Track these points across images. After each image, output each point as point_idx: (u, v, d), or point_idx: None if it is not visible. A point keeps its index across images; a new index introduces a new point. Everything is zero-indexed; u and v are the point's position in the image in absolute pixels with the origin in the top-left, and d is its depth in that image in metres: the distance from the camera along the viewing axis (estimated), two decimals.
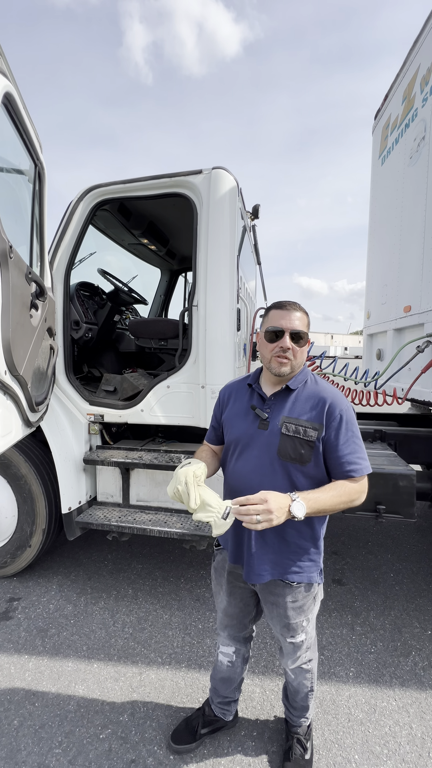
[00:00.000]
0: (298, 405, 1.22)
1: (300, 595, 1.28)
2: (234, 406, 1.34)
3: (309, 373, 1.30)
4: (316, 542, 1.28)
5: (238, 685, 1.54)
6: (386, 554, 2.94)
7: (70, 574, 2.63)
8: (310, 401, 1.21)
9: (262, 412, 1.24)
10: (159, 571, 2.68)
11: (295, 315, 1.21)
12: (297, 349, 1.20)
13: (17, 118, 1.67)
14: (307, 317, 1.25)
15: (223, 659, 1.50)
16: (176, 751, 1.50)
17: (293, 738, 1.49)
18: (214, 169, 2.23)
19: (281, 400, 1.24)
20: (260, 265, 3.57)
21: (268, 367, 1.24)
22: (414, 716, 1.66)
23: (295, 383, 1.25)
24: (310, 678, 1.44)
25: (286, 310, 1.21)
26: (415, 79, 2.83)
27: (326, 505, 1.11)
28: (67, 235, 2.44)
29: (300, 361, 1.23)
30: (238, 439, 1.28)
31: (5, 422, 1.63)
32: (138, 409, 2.43)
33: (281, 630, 1.34)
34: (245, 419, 1.28)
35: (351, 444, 1.18)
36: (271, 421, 1.23)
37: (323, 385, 1.26)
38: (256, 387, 1.30)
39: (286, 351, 1.19)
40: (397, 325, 3.04)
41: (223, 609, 1.44)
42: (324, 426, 1.17)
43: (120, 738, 1.55)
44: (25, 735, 1.56)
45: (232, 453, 1.31)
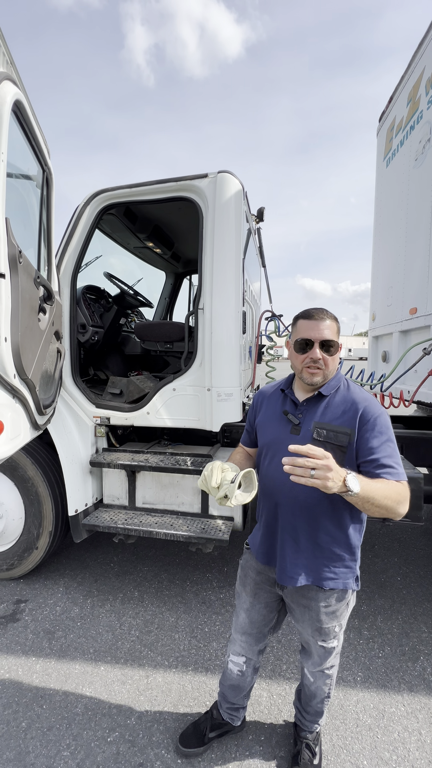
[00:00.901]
0: (329, 411, 1.22)
1: (333, 600, 1.27)
2: (267, 410, 1.36)
3: (342, 379, 1.29)
4: (350, 549, 1.25)
5: (247, 693, 1.53)
6: (393, 558, 2.92)
7: (77, 577, 2.64)
8: (342, 407, 1.21)
9: (294, 418, 1.25)
10: (165, 573, 2.68)
11: (324, 324, 1.20)
12: (328, 358, 1.20)
13: (26, 125, 1.70)
14: (336, 324, 1.24)
15: (233, 668, 1.48)
16: (184, 754, 1.49)
17: (302, 743, 1.48)
18: (220, 172, 2.24)
19: (313, 405, 1.25)
20: (265, 267, 3.58)
21: (300, 377, 1.25)
22: (423, 722, 1.65)
23: (327, 389, 1.24)
24: (329, 683, 1.42)
25: (315, 320, 1.21)
26: (420, 81, 2.83)
27: (377, 494, 1.05)
28: (73, 239, 2.46)
29: (332, 369, 1.22)
30: (271, 443, 1.29)
31: (14, 425, 1.64)
32: (144, 412, 2.44)
33: (312, 633, 1.32)
34: (278, 424, 1.29)
35: (386, 448, 1.15)
36: (302, 426, 1.23)
37: (356, 391, 1.25)
38: (289, 392, 1.31)
39: (317, 362, 1.19)
40: (402, 327, 3.03)
41: (246, 610, 1.42)
42: (356, 431, 1.16)
43: (128, 741, 1.55)
44: (33, 737, 1.56)
45: (264, 456, 1.32)
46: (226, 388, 2.29)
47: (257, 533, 1.40)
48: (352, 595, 1.32)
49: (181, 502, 2.43)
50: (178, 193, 2.34)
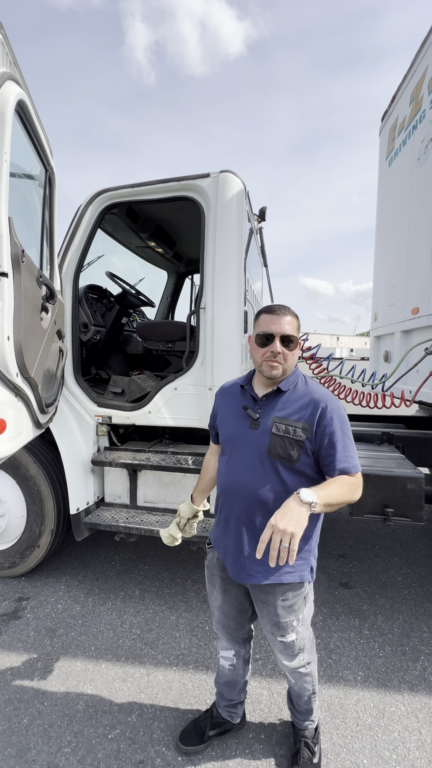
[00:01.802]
0: (288, 406, 1.25)
1: (290, 594, 1.29)
2: (227, 406, 1.38)
3: (300, 375, 1.33)
4: (307, 540, 1.28)
5: (242, 687, 1.54)
6: (394, 558, 2.92)
7: (78, 575, 2.65)
8: (301, 402, 1.24)
9: (254, 413, 1.27)
10: (166, 572, 2.69)
11: (284, 319, 1.23)
12: (287, 352, 1.23)
13: (30, 125, 1.71)
14: (296, 321, 1.27)
15: (224, 663, 1.50)
16: (184, 752, 1.50)
17: (301, 741, 1.49)
18: (222, 172, 2.25)
19: (272, 401, 1.27)
20: (267, 267, 3.58)
21: (260, 371, 1.27)
22: (423, 721, 1.65)
23: (286, 385, 1.27)
24: (310, 681, 1.44)
25: (276, 315, 1.24)
26: (423, 80, 2.83)
27: (334, 498, 1.11)
28: (76, 238, 2.47)
29: (291, 363, 1.26)
30: (230, 438, 1.32)
31: (16, 424, 1.65)
32: (145, 411, 2.44)
33: (271, 628, 1.34)
34: (237, 419, 1.31)
35: (342, 443, 1.19)
36: (261, 421, 1.25)
37: (314, 387, 1.28)
38: (248, 388, 1.33)
39: (277, 355, 1.22)
40: (404, 327, 3.03)
41: (218, 607, 1.44)
42: (314, 426, 1.19)
43: (128, 738, 1.56)
44: (34, 734, 1.57)
45: (225, 452, 1.35)
46: None
47: (216, 530, 1.41)
48: (309, 587, 1.34)
49: (183, 501, 2.43)
50: (180, 192, 2.34)
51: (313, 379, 1.34)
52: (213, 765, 1.47)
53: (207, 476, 1.55)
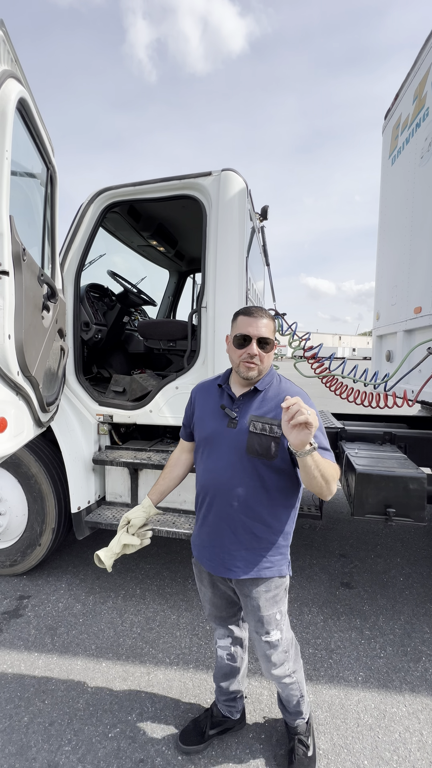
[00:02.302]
0: (265, 404, 1.28)
1: (273, 585, 1.32)
2: (204, 405, 1.39)
3: (275, 375, 1.37)
4: (286, 536, 1.32)
5: (240, 678, 1.55)
6: (395, 558, 2.91)
7: (79, 573, 2.65)
8: (276, 400, 1.27)
9: (231, 412, 1.29)
10: (167, 571, 2.69)
11: (261, 322, 1.26)
12: (263, 354, 1.26)
13: (31, 123, 1.70)
14: (273, 323, 1.31)
15: (222, 653, 1.51)
16: (184, 751, 1.50)
17: (294, 738, 1.49)
18: (224, 170, 2.24)
19: (249, 400, 1.30)
20: (269, 266, 3.57)
21: (237, 371, 1.30)
22: (425, 723, 1.64)
23: (262, 384, 1.31)
24: (297, 688, 1.45)
25: (253, 317, 1.27)
26: (427, 78, 2.80)
27: (322, 463, 1.11)
28: (77, 237, 2.47)
29: (266, 365, 1.29)
30: (208, 437, 1.33)
31: (17, 422, 1.65)
32: (147, 410, 2.44)
33: (255, 626, 1.35)
34: (215, 418, 1.33)
35: (320, 437, 1.21)
36: (239, 419, 1.28)
37: (288, 386, 1.33)
38: (226, 387, 1.35)
39: (254, 357, 1.25)
40: (407, 327, 3.01)
41: (209, 600, 1.47)
42: None
43: (128, 737, 1.56)
44: (35, 732, 1.57)
45: (203, 451, 1.36)
46: None
47: (196, 528, 1.42)
48: (287, 580, 1.37)
49: (184, 500, 2.43)
50: (182, 191, 2.33)
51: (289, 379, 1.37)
52: (213, 764, 1.47)
53: (173, 474, 1.54)
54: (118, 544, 1.41)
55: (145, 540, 1.46)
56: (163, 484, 1.53)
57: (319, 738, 1.57)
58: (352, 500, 2.09)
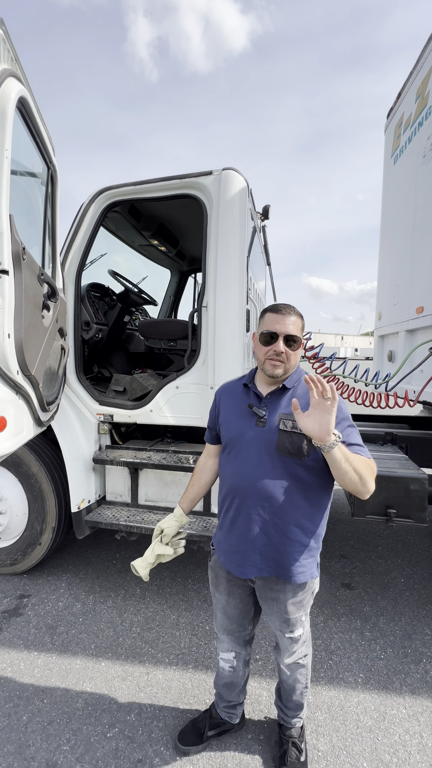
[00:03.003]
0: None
1: (300, 590, 1.30)
2: (230, 406, 1.37)
3: (303, 372, 1.33)
4: (318, 538, 1.29)
5: (242, 688, 1.54)
6: (396, 559, 2.90)
7: (79, 573, 2.65)
8: (306, 397, 1.23)
9: (260, 410, 1.27)
10: (167, 571, 2.68)
11: (289, 319, 1.24)
12: (290, 352, 1.24)
13: (31, 122, 1.70)
14: (301, 321, 1.28)
15: (224, 665, 1.49)
16: (183, 752, 1.49)
17: (288, 742, 1.48)
18: (225, 170, 2.23)
19: (277, 398, 1.28)
20: (270, 265, 3.56)
21: (263, 369, 1.28)
22: (425, 725, 1.63)
23: (290, 382, 1.28)
24: (304, 674, 1.44)
25: (281, 315, 1.25)
26: (429, 76, 2.79)
27: (352, 458, 1.11)
28: (78, 236, 2.47)
29: (293, 363, 1.27)
30: (236, 438, 1.30)
31: (17, 421, 1.65)
32: (147, 410, 2.44)
33: (280, 626, 1.34)
34: (242, 418, 1.30)
35: (351, 433, 1.21)
36: (268, 418, 1.25)
37: None
38: (252, 386, 1.32)
39: (280, 354, 1.23)
40: (409, 327, 3.00)
41: (221, 609, 1.44)
42: None
43: (127, 737, 1.55)
44: (34, 731, 1.57)
45: (230, 452, 1.33)
46: None
47: (220, 531, 1.39)
48: (316, 581, 1.35)
49: None
50: (183, 190, 2.33)
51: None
52: (211, 765, 1.46)
53: (202, 481, 1.53)
54: (153, 554, 1.42)
55: (178, 549, 1.47)
56: (193, 492, 1.53)
57: (318, 740, 1.57)
58: (353, 501, 2.09)
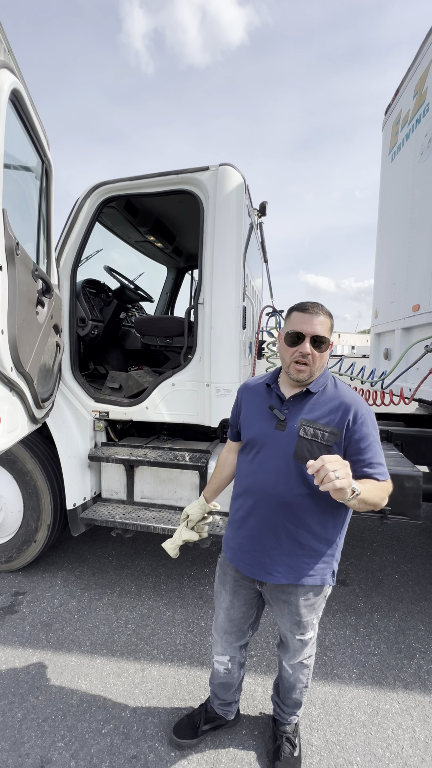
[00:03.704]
0: (317, 408, 1.20)
1: (312, 594, 1.28)
2: (251, 405, 1.34)
3: (330, 377, 1.28)
4: (330, 544, 1.25)
5: (237, 688, 1.54)
6: (391, 555, 2.92)
7: (75, 570, 2.65)
8: (330, 405, 1.19)
9: (280, 413, 1.23)
10: (162, 568, 2.69)
11: (317, 319, 1.17)
12: (317, 354, 1.18)
13: (25, 115, 1.68)
14: (330, 320, 1.21)
15: (219, 667, 1.49)
16: (177, 745, 1.51)
17: (282, 737, 1.49)
18: (221, 165, 2.21)
19: (300, 402, 1.23)
20: (267, 262, 3.55)
21: (287, 371, 1.23)
22: (417, 719, 1.65)
23: (315, 386, 1.22)
24: (307, 674, 1.44)
25: (309, 314, 1.18)
26: (427, 73, 2.78)
27: (370, 495, 1.07)
28: (73, 232, 2.44)
29: (320, 365, 1.21)
30: (255, 438, 1.28)
31: (11, 418, 1.64)
32: (143, 407, 2.43)
33: (291, 627, 1.33)
34: (262, 419, 1.27)
35: (373, 449, 1.16)
36: (288, 422, 1.21)
37: (344, 390, 1.23)
38: (275, 387, 1.29)
39: (306, 356, 1.17)
40: (405, 324, 3.00)
41: (224, 609, 1.43)
42: (344, 431, 1.16)
43: (122, 734, 1.56)
44: (28, 728, 1.57)
45: (248, 452, 1.31)
46: (225, 384, 2.28)
47: (230, 529, 1.38)
48: (329, 588, 1.33)
49: (180, 497, 2.43)
50: (179, 186, 2.31)
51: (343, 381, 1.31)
52: (206, 761, 1.47)
53: (223, 474, 1.51)
54: (180, 538, 1.51)
55: (203, 533, 1.54)
56: (215, 484, 1.53)
57: (312, 735, 1.58)
58: None
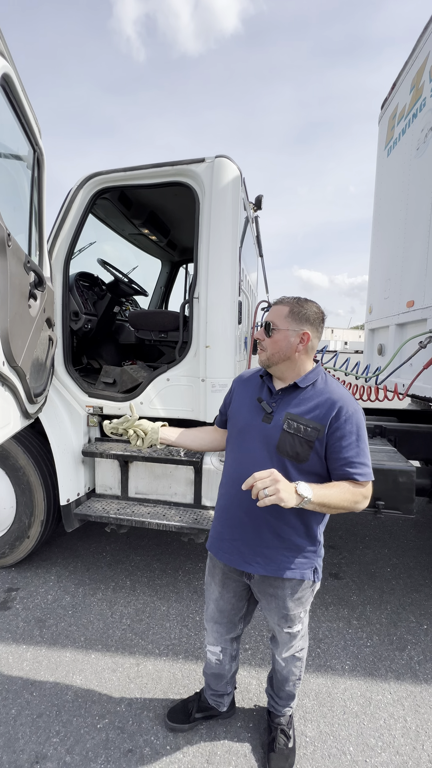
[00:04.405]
0: (303, 403, 1.21)
1: (299, 586, 1.30)
2: (242, 395, 1.36)
3: (321, 373, 1.28)
4: (312, 539, 1.27)
5: (229, 679, 1.55)
6: (383, 549, 2.96)
7: (69, 565, 2.64)
8: (316, 400, 1.20)
9: (267, 406, 1.25)
10: (157, 563, 2.69)
11: (275, 308, 1.27)
12: (267, 340, 1.25)
13: (15, 102, 1.63)
14: (286, 308, 1.24)
15: (211, 657, 1.51)
16: (170, 728, 1.54)
17: (276, 729, 1.51)
18: (217, 157, 2.18)
19: (288, 395, 1.25)
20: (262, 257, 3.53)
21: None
22: (409, 709, 1.68)
23: (304, 381, 1.24)
24: (299, 666, 1.45)
25: (274, 305, 1.30)
26: (424, 67, 2.76)
27: (332, 499, 1.09)
28: (66, 223, 2.40)
29: (274, 350, 1.24)
30: (242, 429, 1.30)
31: (3, 414, 1.61)
32: (137, 402, 2.41)
33: (278, 621, 1.35)
34: (251, 411, 1.29)
35: (355, 447, 1.16)
36: (275, 415, 1.23)
37: (332, 386, 1.24)
38: (267, 380, 1.31)
39: (260, 342, 1.28)
40: (399, 320, 3.01)
41: (214, 600, 1.44)
42: (327, 427, 1.16)
43: (117, 728, 1.56)
44: (23, 724, 1.57)
45: (234, 442, 1.33)
46: (221, 379, 2.27)
47: (215, 518, 1.40)
48: (316, 584, 1.35)
49: (174, 493, 2.42)
50: (174, 177, 2.27)
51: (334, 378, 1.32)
52: (202, 752, 1.48)
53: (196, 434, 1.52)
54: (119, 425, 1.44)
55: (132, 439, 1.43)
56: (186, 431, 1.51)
57: (306, 726, 1.60)
58: None
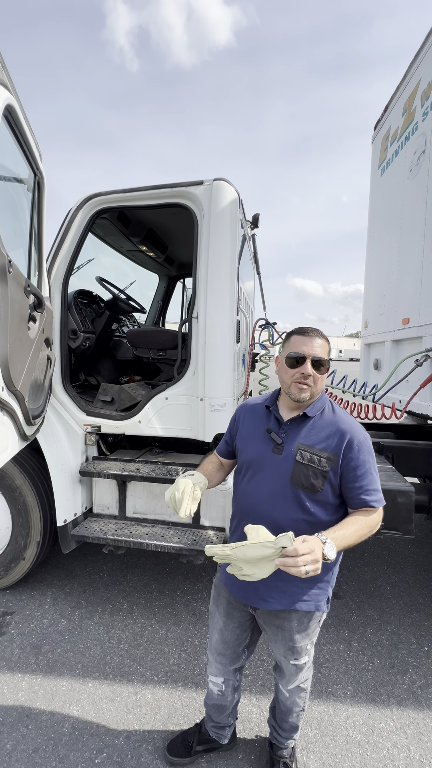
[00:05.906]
0: (314, 433, 1.21)
1: (306, 620, 1.28)
2: (249, 426, 1.34)
3: (327, 401, 1.29)
4: (327, 571, 1.25)
5: (231, 711, 1.52)
6: (382, 566, 2.94)
7: (65, 587, 2.59)
8: (327, 430, 1.21)
9: (277, 437, 1.24)
10: (155, 583, 2.65)
11: (317, 341, 1.21)
12: (318, 376, 1.20)
13: (18, 130, 1.65)
14: (328, 344, 1.25)
15: (213, 688, 1.48)
16: (170, 762, 1.50)
17: (279, 762, 1.48)
18: (216, 180, 2.21)
19: (297, 426, 1.24)
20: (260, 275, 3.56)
21: (288, 392, 1.24)
22: (412, 737, 1.65)
23: (312, 410, 1.24)
24: (303, 697, 1.43)
25: (309, 337, 1.22)
26: (416, 92, 2.84)
27: (351, 540, 1.11)
28: (65, 243, 2.41)
29: (319, 387, 1.23)
30: (252, 461, 1.28)
31: (1, 438, 1.59)
32: (135, 421, 2.40)
33: (285, 653, 1.32)
34: (260, 441, 1.28)
35: (369, 475, 1.17)
36: (285, 446, 1.22)
37: (341, 415, 1.25)
38: (273, 410, 1.29)
39: (307, 378, 1.19)
40: (395, 337, 3.05)
41: (219, 631, 1.42)
42: (340, 457, 1.17)
43: (116, 763, 1.52)
44: (18, 760, 1.52)
45: (244, 474, 1.30)
46: (220, 399, 2.27)
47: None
48: (324, 614, 1.33)
49: (172, 513, 2.40)
50: (173, 199, 2.30)
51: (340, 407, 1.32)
52: None
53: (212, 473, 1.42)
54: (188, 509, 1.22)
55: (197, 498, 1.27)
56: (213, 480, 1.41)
57: (309, 757, 1.57)
58: None
